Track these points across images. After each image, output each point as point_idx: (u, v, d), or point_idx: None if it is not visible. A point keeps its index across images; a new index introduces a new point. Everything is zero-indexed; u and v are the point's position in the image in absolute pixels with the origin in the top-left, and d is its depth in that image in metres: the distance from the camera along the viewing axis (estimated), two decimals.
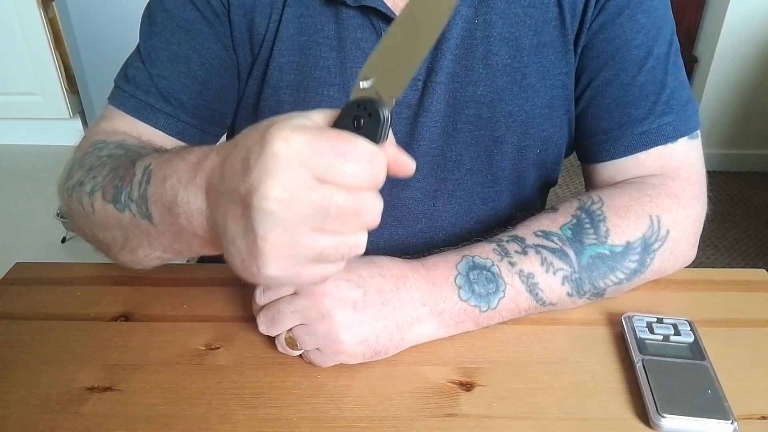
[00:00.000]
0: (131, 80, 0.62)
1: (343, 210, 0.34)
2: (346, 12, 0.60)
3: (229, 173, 0.36)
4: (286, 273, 0.35)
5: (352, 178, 0.34)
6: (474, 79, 0.61)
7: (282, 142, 0.33)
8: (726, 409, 0.45)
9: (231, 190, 0.35)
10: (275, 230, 0.33)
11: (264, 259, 0.34)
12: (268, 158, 0.33)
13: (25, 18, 2.36)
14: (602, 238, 0.54)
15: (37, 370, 0.51)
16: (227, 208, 0.36)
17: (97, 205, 0.50)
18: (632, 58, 0.60)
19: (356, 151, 0.34)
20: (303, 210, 0.33)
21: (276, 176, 0.33)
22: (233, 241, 0.36)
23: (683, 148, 0.61)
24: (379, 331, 0.49)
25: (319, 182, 0.33)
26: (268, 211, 0.33)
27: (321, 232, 0.34)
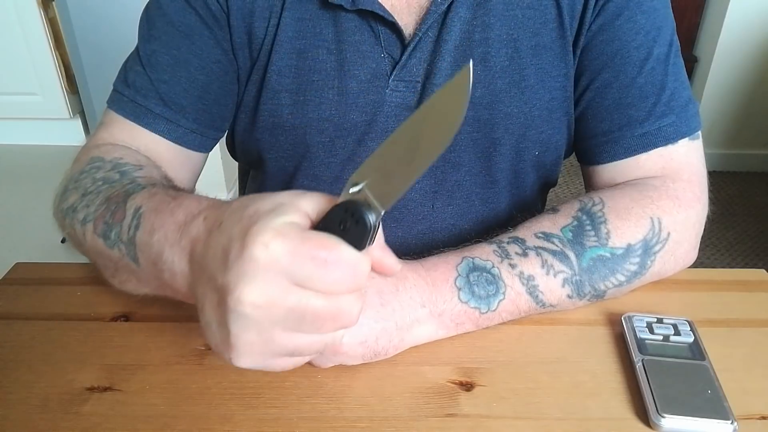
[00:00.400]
0: (131, 85, 0.62)
1: (319, 315, 0.34)
2: (344, 15, 0.60)
3: (210, 256, 0.36)
4: (257, 365, 0.36)
5: (331, 285, 0.34)
6: (473, 81, 0.61)
7: (262, 248, 0.32)
8: (726, 409, 0.45)
9: (210, 276, 0.36)
10: (248, 331, 0.34)
11: (236, 353, 0.35)
12: (246, 262, 0.33)
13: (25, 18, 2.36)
14: (603, 240, 0.54)
15: (37, 370, 0.51)
16: (206, 289, 0.36)
17: (89, 236, 0.50)
18: (632, 59, 0.60)
19: (338, 261, 0.33)
20: (278, 314, 0.33)
21: (252, 282, 0.33)
22: (209, 325, 0.36)
23: (684, 149, 0.61)
24: (379, 332, 0.49)
25: (296, 287, 0.33)
26: (241, 314, 0.33)
27: (296, 332, 0.35)
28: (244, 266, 0.33)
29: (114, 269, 0.50)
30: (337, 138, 0.63)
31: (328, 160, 0.65)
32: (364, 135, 0.63)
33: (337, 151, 0.64)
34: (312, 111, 0.62)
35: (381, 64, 0.61)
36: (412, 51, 0.60)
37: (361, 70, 0.61)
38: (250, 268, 0.33)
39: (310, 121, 0.63)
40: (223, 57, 0.63)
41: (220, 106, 0.65)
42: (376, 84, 0.61)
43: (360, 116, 0.62)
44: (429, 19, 0.59)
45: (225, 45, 0.62)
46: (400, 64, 0.60)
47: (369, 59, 0.61)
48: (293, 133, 0.64)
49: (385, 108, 0.62)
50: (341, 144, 0.64)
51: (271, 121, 0.64)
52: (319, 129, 0.63)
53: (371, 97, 0.62)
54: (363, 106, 0.62)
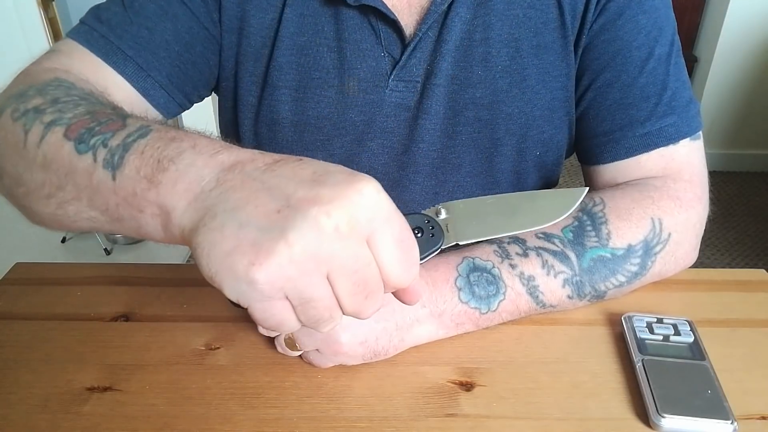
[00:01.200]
0: (105, 22, 0.57)
1: (363, 283, 0.33)
2: (346, 12, 0.60)
3: (285, 173, 0.33)
4: (266, 289, 0.31)
5: (390, 265, 0.33)
6: (473, 81, 0.61)
7: (372, 190, 0.32)
8: (726, 409, 0.45)
9: (281, 187, 0.32)
10: (306, 248, 0.30)
11: (266, 262, 0.30)
12: (353, 190, 0.31)
13: (25, 18, 2.36)
14: (603, 241, 0.54)
15: (37, 370, 0.51)
16: (253, 194, 0.32)
17: (50, 140, 0.43)
18: (633, 59, 0.60)
19: (410, 251, 0.34)
20: (343, 252, 0.31)
21: (350, 208, 0.31)
22: (238, 225, 0.31)
23: (685, 150, 0.61)
24: (379, 332, 0.49)
25: (366, 245, 0.32)
26: (319, 227, 0.30)
27: (329, 284, 0.32)
28: (348, 192, 0.31)
29: (56, 186, 0.42)
30: (335, 137, 0.63)
31: (326, 159, 0.64)
32: (363, 134, 0.63)
33: (335, 150, 0.64)
34: (311, 108, 0.62)
35: (381, 63, 0.61)
36: (412, 51, 0.60)
37: (361, 69, 0.61)
38: (356, 196, 0.31)
39: (308, 119, 0.62)
40: (211, 27, 0.61)
41: (197, 71, 0.62)
42: (376, 83, 0.61)
43: (359, 115, 0.62)
44: (429, 19, 0.59)
45: (214, 16, 0.61)
46: (400, 64, 0.60)
47: (369, 58, 0.61)
48: (292, 130, 0.64)
49: (384, 108, 0.62)
50: (339, 143, 0.64)
51: (271, 117, 0.64)
52: (318, 127, 0.63)
53: (370, 97, 0.62)
54: (362, 106, 0.62)
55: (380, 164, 0.65)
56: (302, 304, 0.32)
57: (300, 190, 0.31)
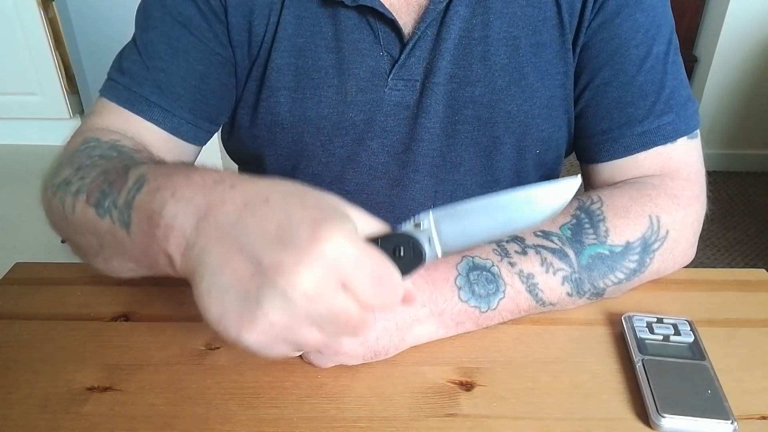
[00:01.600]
0: (126, 72, 0.61)
1: (349, 321, 0.35)
2: (344, 13, 0.60)
3: (254, 229, 0.34)
4: (260, 346, 0.35)
5: (374, 301, 0.34)
6: (472, 80, 0.61)
7: (334, 246, 0.32)
8: (726, 409, 0.45)
9: (249, 248, 0.34)
10: (281, 315, 0.33)
11: (251, 329, 0.33)
12: (314, 252, 0.32)
13: (25, 18, 2.36)
14: (602, 238, 0.54)
15: (37, 370, 0.51)
16: (230, 257, 0.34)
17: (79, 208, 0.47)
18: (631, 57, 0.60)
19: (389, 283, 0.35)
20: (318, 310, 0.33)
21: (312, 272, 0.32)
22: (221, 291, 0.34)
23: (683, 148, 0.61)
24: (379, 332, 0.49)
25: (344, 292, 0.34)
26: (287, 298, 0.32)
27: (318, 330, 0.35)
28: (309, 255, 0.32)
29: (99, 246, 0.47)
30: (335, 137, 0.63)
31: (327, 159, 0.65)
32: (363, 134, 0.63)
33: (336, 150, 0.64)
34: (311, 109, 0.62)
35: (380, 62, 0.61)
36: (411, 50, 0.60)
37: (360, 69, 0.61)
38: (316, 259, 0.32)
39: (308, 120, 0.63)
40: (222, 50, 0.62)
41: (217, 99, 0.64)
42: (375, 83, 0.61)
43: (359, 115, 0.62)
44: (428, 18, 0.59)
45: (223, 39, 0.62)
46: (399, 63, 0.60)
47: (368, 58, 0.61)
48: (291, 131, 0.64)
49: (384, 107, 0.62)
50: (339, 143, 0.64)
51: (270, 119, 0.64)
52: (318, 127, 0.63)
53: (370, 96, 0.62)
54: (362, 105, 0.62)
55: (380, 163, 0.65)
56: (299, 348, 0.37)
57: (267, 254, 0.33)
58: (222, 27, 0.62)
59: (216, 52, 0.62)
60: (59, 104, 2.52)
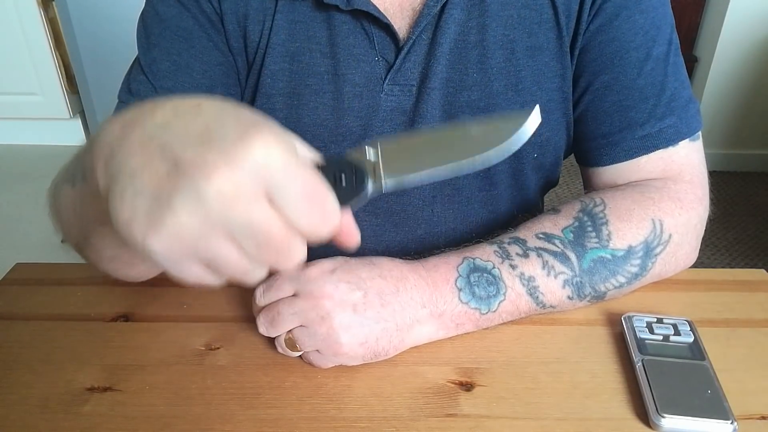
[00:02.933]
0: (135, 94, 0.61)
1: (269, 241, 0.31)
2: (338, 18, 0.59)
3: (176, 128, 0.32)
4: (168, 256, 0.31)
5: (299, 220, 0.31)
6: (469, 84, 0.60)
7: (263, 147, 0.30)
8: (726, 409, 0.45)
9: (166, 145, 0.31)
10: (192, 215, 0.29)
11: (158, 232, 0.30)
12: (239, 150, 0.29)
13: (25, 18, 2.36)
14: (604, 242, 0.54)
15: (37, 370, 0.51)
16: (149, 159, 0.31)
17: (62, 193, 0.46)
18: (631, 60, 0.60)
19: (321, 204, 0.31)
20: (235, 216, 0.30)
21: (233, 170, 0.29)
22: (134, 193, 0.30)
23: (684, 151, 0.61)
24: (379, 333, 0.49)
25: (266, 201, 0.30)
26: (199, 195, 0.29)
27: (231, 244, 0.31)
28: (233, 152, 0.29)
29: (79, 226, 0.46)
30: (331, 143, 0.63)
31: None
32: (360, 140, 0.63)
33: None
34: (307, 115, 0.62)
35: (375, 67, 0.60)
36: (406, 54, 0.60)
37: (355, 74, 0.60)
38: (240, 157, 0.29)
39: (304, 126, 0.62)
40: (224, 60, 0.62)
41: None
42: (371, 88, 0.61)
43: (355, 121, 0.62)
44: (422, 22, 0.58)
45: (223, 48, 0.62)
46: (394, 68, 0.60)
47: (363, 63, 0.60)
48: None
49: (380, 112, 0.62)
50: (336, 149, 0.63)
51: None
52: (314, 134, 0.62)
53: (366, 102, 0.61)
54: (358, 111, 0.61)
55: None
56: (210, 265, 0.32)
57: (187, 151, 0.30)
58: (220, 36, 0.61)
59: (219, 63, 0.62)
60: (59, 104, 2.52)
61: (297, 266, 0.33)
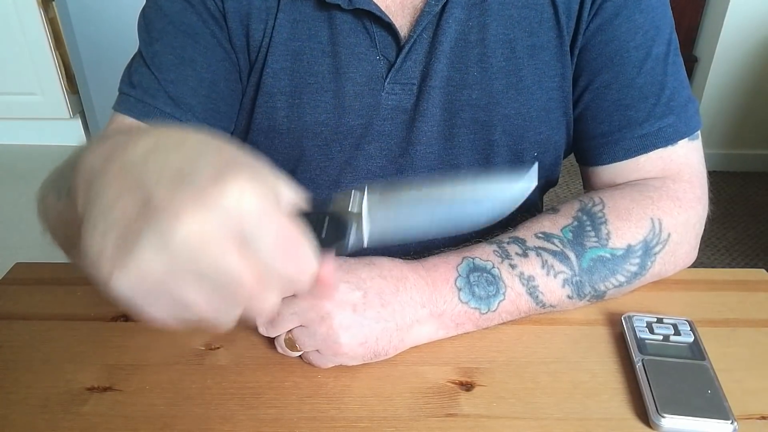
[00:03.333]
0: (137, 85, 0.61)
1: (238, 290, 0.29)
2: (339, 17, 0.59)
3: (153, 164, 0.30)
4: (132, 297, 0.29)
5: (272, 269, 0.30)
6: (469, 83, 0.61)
7: (237, 192, 0.28)
8: (726, 409, 0.45)
9: (141, 183, 0.29)
10: (158, 258, 0.28)
11: (123, 272, 0.28)
12: (211, 194, 0.28)
13: (25, 18, 2.36)
14: (603, 241, 0.54)
15: (37, 370, 0.51)
16: (124, 194, 0.30)
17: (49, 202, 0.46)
18: (631, 59, 0.60)
19: (297, 252, 0.30)
20: (204, 261, 0.28)
21: (204, 215, 0.28)
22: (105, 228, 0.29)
23: (683, 150, 0.61)
24: (379, 333, 0.49)
25: (237, 249, 0.29)
26: (166, 238, 0.27)
27: (200, 291, 0.29)
28: (205, 196, 0.28)
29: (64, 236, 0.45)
30: (333, 142, 0.63)
31: (324, 164, 0.64)
32: (361, 139, 0.63)
33: (334, 155, 0.64)
34: (308, 114, 0.62)
35: (376, 66, 0.61)
36: (407, 53, 0.60)
37: (356, 73, 0.61)
38: (212, 201, 0.28)
39: (305, 125, 0.62)
40: (226, 57, 0.62)
41: (228, 105, 0.64)
42: (372, 87, 0.61)
43: (356, 120, 0.62)
44: (423, 21, 0.58)
45: (226, 45, 0.62)
46: (395, 67, 0.60)
47: (364, 62, 0.60)
48: (289, 137, 0.63)
49: (381, 111, 0.62)
50: (337, 148, 0.63)
51: (267, 124, 0.63)
52: (315, 132, 0.62)
53: (367, 101, 0.61)
54: (359, 110, 0.62)
55: (378, 167, 0.65)
56: (177, 312, 0.30)
57: (160, 189, 0.29)
58: (223, 33, 0.61)
59: (221, 59, 0.62)
60: (59, 104, 2.52)
61: (274, 306, 0.31)
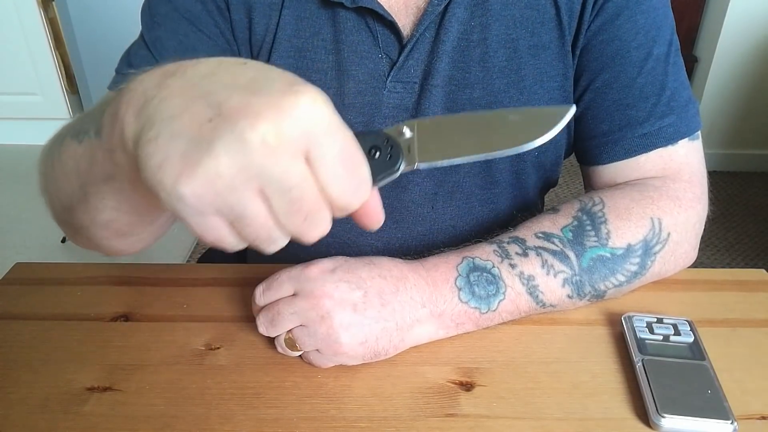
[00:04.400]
0: (135, 66, 0.60)
1: (300, 202, 0.30)
2: (343, 15, 0.60)
3: (224, 78, 0.31)
4: (195, 205, 0.29)
5: (332, 183, 0.31)
6: (471, 82, 0.61)
7: (309, 104, 0.29)
8: (726, 409, 0.45)
9: (212, 92, 0.30)
10: (232, 160, 0.28)
11: (192, 176, 0.28)
12: (287, 101, 0.29)
13: (25, 18, 2.36)
14: (603, 241, 0.54)
15: (37, 370, 0.51)
16: (191, 103, 0.30)
17: (64, 149, 0.45)
18: (632, 59, 0.60)
19: (357, 171, 0.31)
20: (273, 168, 0.29)
21: (280, 120, 0.28)
22: (170, 136, 0.29)
23: (684, 150, 0.61)
24: (379, 332, 0.49)
25: (305, 160, 0.30)
26: (244, 141, 0.28)
27: (262, 202, 0.30)
28: (281, 102, 0.29)
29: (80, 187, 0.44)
30: None
31: None
32: None
33: None
34: None
35: (379, 65, 0.61)
36: (409, 52, 0.60)
37: (358, 71, 0.61)
38: (288, 107, 0.29)
39: None
40: (228, 48, 0.62)
41: None
42: (374, 85, 0.61)
43: (357, 117, 0.62)
44: (426, 20, 0.58)
45: (228, 36, 0.62)
46: (397, 65, 0.60)
47: (367, 60, 0.61)
48: None
49: (382, 109, 0.62)
50: None
51: None
52: None
53: (369, 99, 0.61)
54: (360, 108, 0.62)
55: None
56: (236, 222, 0.31)
57: (233, 98, 0.29)
58: (227, 24, 0.61)
59: (223, 50, 0.62)
60: (59, 104, 2.52)
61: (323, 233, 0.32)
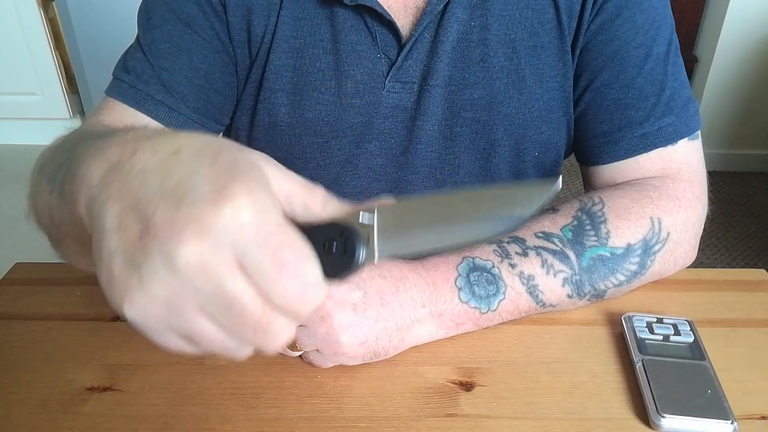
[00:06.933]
0: (131, 71, 0.61)
1: (245, 315, 0.28)
2: (342, 14, 0.60)
3: (152, 178, 0.29)
4: (145, 327, 0.29)
5: (275, 292, 0.28)
6: (471, 82, 0.61)
7: (234, 211, 0.27)
8: (726, 409, 0.45)
9: (141, 202, 0.28)
10: (162, 287, 0.27)
11: (131, 302, 0.28)
12: (208, 214, 0.27)
13: (25, 18, 2.36)
14: (603, 240, 0.54)
15: (37, 370, 0.51)
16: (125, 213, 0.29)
17: (40, 191, 0.44)
18: (631, 59, 0.60)
19: (298, 274, 0.28)
20: (205, 288, 0.27)
21: (202, 238, 0.27)
22: (110, 253, 0.29)
23: (683, 150, 0.61)
24: (379, 332, 0.49)
25: (241, 273, 0.28)
26: (168, 265, 0.27)
27: (207, 320, 0.28)
28: (203, 216, 0.27)
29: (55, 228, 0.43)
30: (333, 139, 0.63)
31: (325, 161, 0.64)
32: (361, 137, 0.63)
33: (333, 152, 0.64)
34: (308, 111, 0.62)
35: (377, 64, 0.61)
36: (408, 52, 0.60)
37: (357, 71, 0.61)
38: (210, 222, 0.27)
39: (306, 122, 0.62)
40: (224, 49, 0.62)
41: (221, 97, 0.64)
42: (373, 85, 0.61)
43: (356, 117, 0.62)
44: (425, 20, 0.58)
45: (224, 38, 0.62)
46: (396, 65, 0.60)
47: (365, 60, 0.61)
48: (289, 134, 0.63)
49: (381, 109, 0.62)
50: (337, 146, 0.63)
51: (268, 121, 0.64)
52: (315, 130, 0.63)
53: (367, 99, 0.61)
54: (359, 108, 0.62)
55: (379, 166, 0.65)
56: (190, 340, 0.29)
57: (158, 212, 0.28)
58: (222, 26, 0.61)
59: (218, 51, 0.62)
60: (59, 104, 2.52)
61: (285, 342, 0.30)
